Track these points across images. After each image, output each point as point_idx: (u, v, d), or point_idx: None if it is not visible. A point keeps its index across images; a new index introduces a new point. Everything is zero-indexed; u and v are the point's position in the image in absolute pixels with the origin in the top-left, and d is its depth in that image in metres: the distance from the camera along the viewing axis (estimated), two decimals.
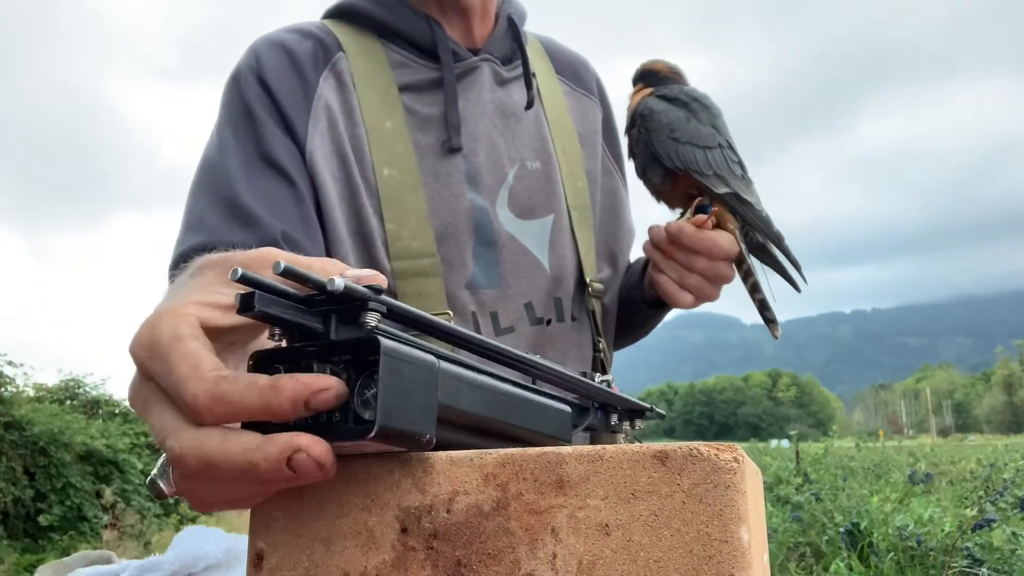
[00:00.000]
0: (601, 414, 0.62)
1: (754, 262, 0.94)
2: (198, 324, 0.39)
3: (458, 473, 0.39)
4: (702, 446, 0.33)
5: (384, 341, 0.36)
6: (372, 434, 0.35)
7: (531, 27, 1.10)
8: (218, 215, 0.77)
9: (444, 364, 0.40)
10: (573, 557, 0.34)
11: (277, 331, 0.38)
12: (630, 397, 0.62)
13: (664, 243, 0.90)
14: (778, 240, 0.92)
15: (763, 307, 0.92)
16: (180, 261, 0.73)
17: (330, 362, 0.37)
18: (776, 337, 0.96)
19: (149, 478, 0.41)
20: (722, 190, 0.89)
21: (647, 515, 0.33)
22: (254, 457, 0.36)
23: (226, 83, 0.88)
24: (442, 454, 0.40)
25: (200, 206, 0.80)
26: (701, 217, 0.88)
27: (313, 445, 0.36)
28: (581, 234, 0.97)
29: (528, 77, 0.96)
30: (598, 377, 0.60)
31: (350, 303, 0.37)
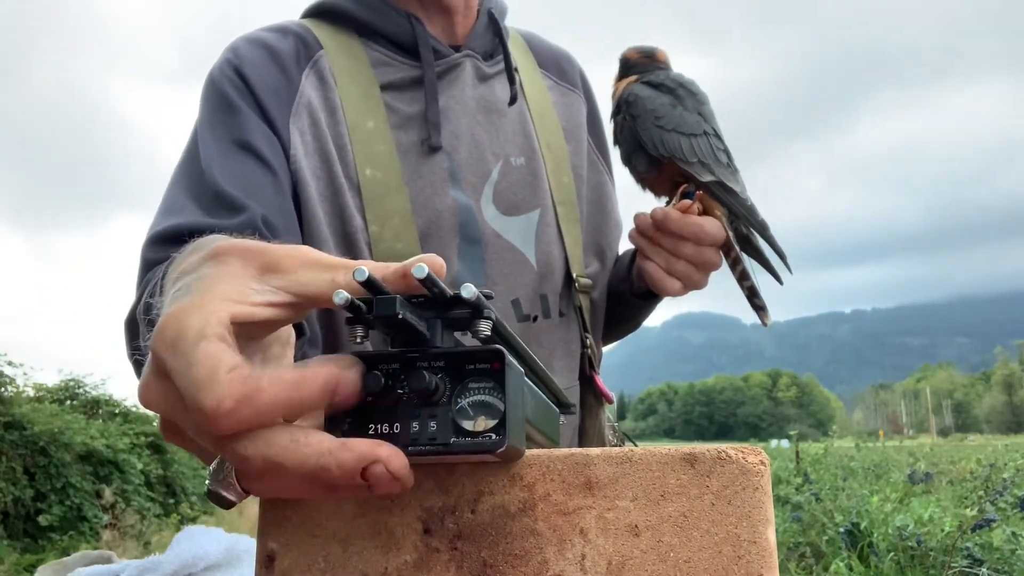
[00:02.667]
0: None
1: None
2: (228, 323, 0.36)
3: (483, 474, 0.39)
4: (730, 449, 0.33)
5: (507, 352, 0.35)
6: (502, 449, 0.34)
7: (529, 28, 1.10)
8: (196, 200, 0.75)
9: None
10: (602, 558, 0.34)
11: (360, 334, 0.37)
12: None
13: (650, 230, 0.89)
14: (763, 229, 0.91)
15: (752, 294, 0.92)
16: (155, 242, 0.71)
17: (428, 368, 0.36)
18: (766, 324, 0.95)
19: (207, 488, 0.37)
20: (707, 178, 0.88)
21: (676, 516, 0.33)
22: (327, 462, 0.33)
23: (204, 82, 0.86)
24: None
25: (176, 193, 0.78)
26: (686, 202, 0.87)
27: (393, 457, 0.34)
28: (567, 229, 0.97)
29: (511, 72, 0.96)
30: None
31: (462, 310, 0.36)
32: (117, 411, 9.77)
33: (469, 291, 0.34)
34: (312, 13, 0.93)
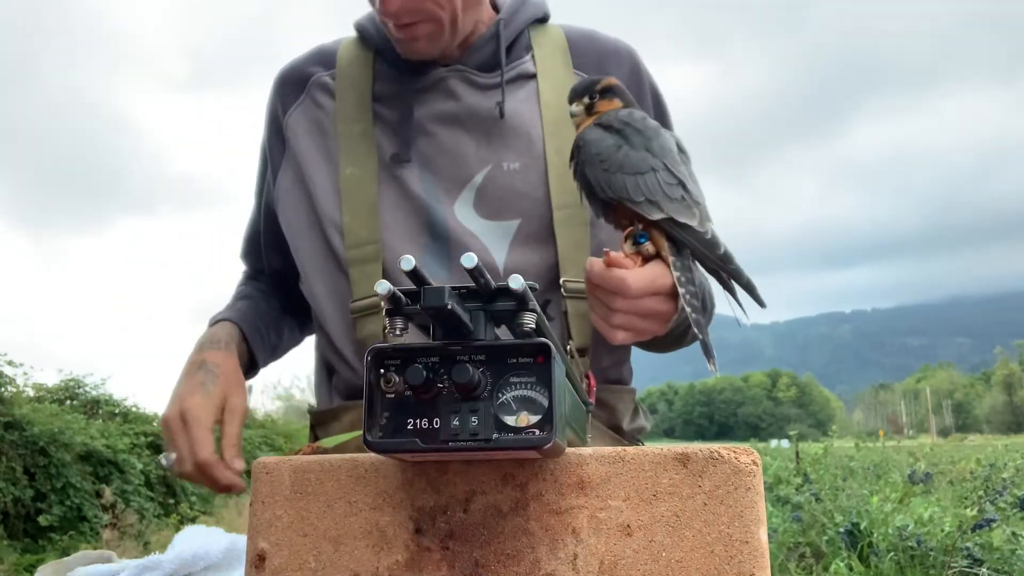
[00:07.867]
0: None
1: (700, 287, 0.87)
2: None
3: (474, 473, 0.38)
4: (722, 449, 0.33)
5: (552, 346, 0.35)
6: (549, 445, 0.33)
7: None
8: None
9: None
10: (594, 557, 0.34)
11: (400, 327, 0.36)
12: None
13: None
14: (725, 262, 0.85)
15: (702, 342, 0.83)
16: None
17: (470, 362, 0.35)
18: (712, 370, 0.84)
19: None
20: (656, 216, 0.84)
21: (669, 516, 0.33)
22: None
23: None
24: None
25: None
26: (614, 255, 0.83)
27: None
28: (566, 233, 0.97)
29: (500, 83, 1.01)
30: None
31: (507, 303, 0.35)
32: (117, 411, 9.76)
33: (517, 283, 0.34)
34: (356, 28, 1.10)
